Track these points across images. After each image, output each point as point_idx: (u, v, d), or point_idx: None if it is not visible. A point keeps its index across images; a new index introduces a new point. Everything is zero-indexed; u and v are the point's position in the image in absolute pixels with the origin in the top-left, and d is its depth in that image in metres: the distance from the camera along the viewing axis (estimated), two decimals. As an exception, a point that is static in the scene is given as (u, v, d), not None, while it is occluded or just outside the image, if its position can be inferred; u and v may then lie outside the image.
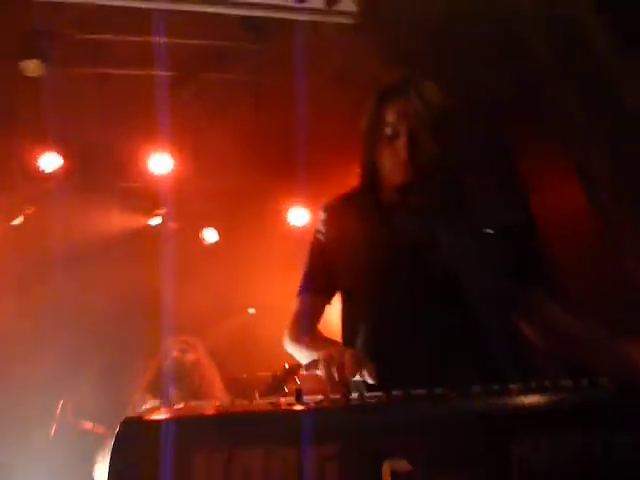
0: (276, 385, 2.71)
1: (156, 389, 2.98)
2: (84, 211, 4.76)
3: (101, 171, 4.74)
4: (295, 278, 1.63)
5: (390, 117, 1.43)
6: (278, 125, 4.01)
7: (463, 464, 0.70)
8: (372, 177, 1.50)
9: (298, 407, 0.80)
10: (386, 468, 0.68)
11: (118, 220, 5.04)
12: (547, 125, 2.29)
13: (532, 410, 0.75)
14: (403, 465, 0.67)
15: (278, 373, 2.76)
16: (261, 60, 4.14)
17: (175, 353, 3.13)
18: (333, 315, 1.57)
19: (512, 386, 0.85)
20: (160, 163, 4.62)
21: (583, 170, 2.12)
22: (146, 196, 4.97)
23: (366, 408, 0.79)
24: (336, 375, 1.04)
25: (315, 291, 1.55)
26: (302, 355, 1.45)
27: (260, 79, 4.27)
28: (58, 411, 3.39)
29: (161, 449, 0.77)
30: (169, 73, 4.16)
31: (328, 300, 1.56)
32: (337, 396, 0.91)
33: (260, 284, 4.76)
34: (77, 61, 4.02)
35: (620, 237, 2.00)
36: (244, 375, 3.93)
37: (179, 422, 0.79)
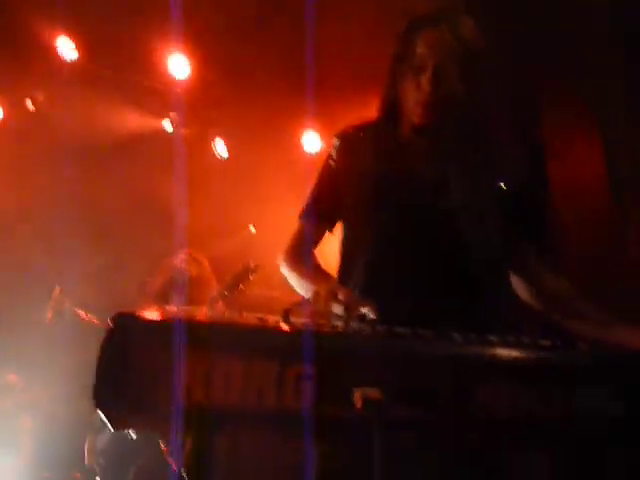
0: (233, 283, 2.74)
1: (162, 300, 3.06)
2: (96, 105, 4.68)
3: (116, 65, 4.60)
4: (300, 203, 1.63)
5: (419, 48, 1.37)
6: (302, 44, 3.86)
7: (430, 400, 0.74)
8: (392, 110, 1.46)
9: (282, 326, 0.83)
10: (358, 393, 0.71)
11: (131, 118, 4.96)
12: (580, 91, 2.21)
13: (501, 361, 0.79)
14: (374, 393, 0.70)
15: (238, 271, 2.79)
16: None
17: (182, 265, 3.19)
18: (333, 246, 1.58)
19: (490, 337, 0.87)
20: (178, 65, 4.48)
21: (610, 144, 2.06)
22: (160, 97, 4.86)
23: (347, 336, 0.83)
24: (336, 308, 1.06)
25: (317, 216, 1.56)
26: (295, 282, 1.47)
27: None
28: (54, 296, 3.50)
29: (150, 347, 0.80)
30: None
31: (330, 227, 1.56)
32: (322, 322, 0.95)
33: (265, 204, 4.77)
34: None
35: (630, 223, 1.99)
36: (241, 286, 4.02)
37: (168, 324, 0.82)
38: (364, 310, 1.14)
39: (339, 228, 1.56)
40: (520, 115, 2.31)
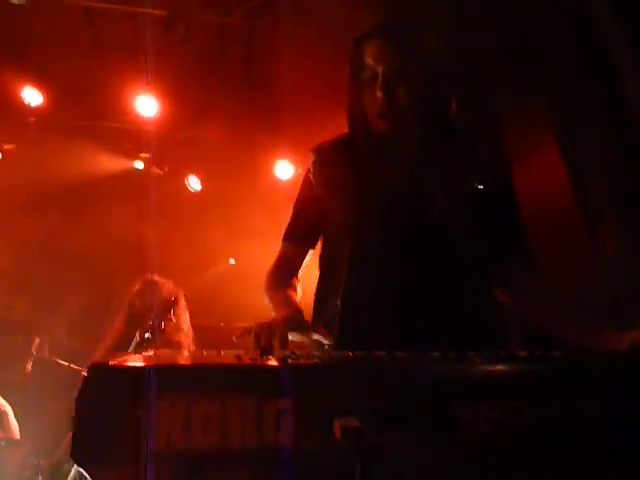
0: (158, 316, 2.81)
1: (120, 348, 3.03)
2: (66, 149, 4.67)
3: (85, 109, 4.62)
4: (278, 231, 1.63)
5: (368, 59, 1.40)
6: (268, 75, 3.93)
7: (410, 424, 0.74)
8: (357, 122, 1.47)
9: (259, 362, 0.83)
10: (337, 424, 0.72)
11: (101, 161, 4.96)
12: (538, 99, 2.26)
13: (479, 378, 0.80)
14: (352, 422, 0.71)
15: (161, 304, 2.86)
16: (254, 5, 4.00)
17: (139, 288, 3.18)
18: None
19: (469, 354, 0.88)
20: (145, 105, 4.51)
21: (569, 150, 2.12)
22: (131, 138, 4.88)
23: (324, 367, 0.83)
24: (261, 346, 1.06)
25: (297, 238, 1.55)
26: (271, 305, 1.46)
27: (251, 24, 4.14)
28: (34, 347, 3.44)
29: (126, 396, 0.79)
30: (158, 11, 4.01)
31: (311, 246, 1.55)
32: (301, 353, 0.95)
33: (242, 235, 4.77)
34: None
35: (600, 222, 2.02)
36: (221, 324, 4.00)
37: (143, 370, 0.81)
38: (316, 337, 1.14)
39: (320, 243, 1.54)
40: (483, 123, 2.36)
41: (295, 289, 1.48)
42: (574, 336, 1.29)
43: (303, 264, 1.56)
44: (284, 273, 1.53)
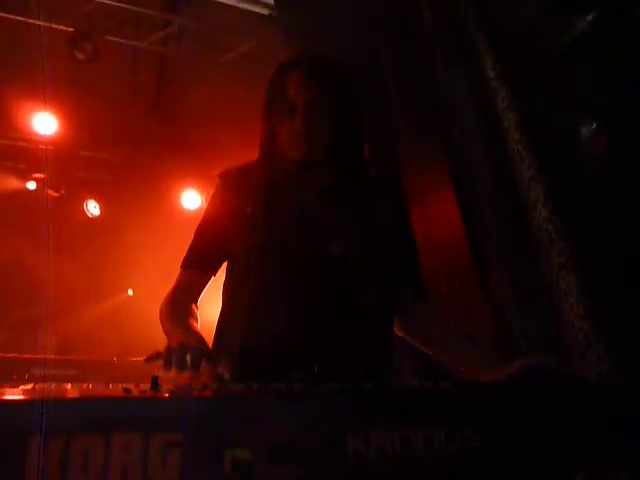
0: None
1: None
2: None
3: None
4: (179, 259, 1.57)
5: (290, 90, 1.43)
6: (178, 102, 3.88)
7: (302, 456, 0.73)
8: (270, 151, 1.48)
9: (145, 394, 0.78)
10: (227, 456, 0.69)
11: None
12: (436, 142, 2.41)
13: (370, 407, 0.81)
14: (244, 454, 0.68)
15: None
16: (169, 32, 3.98)
17: None
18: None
19: (366, 384, 0.89)
20: (43, 123, 4.24)
21: (463, 191, 2.25)
22: (24, 157, 4.56)
23: (213, 399, 0.80)
24: (174, 369, 1.03)
25: (197, 265, 1.49)
26: (167, 334, 1.39)
27: (165, 51, 4.09)
28: None
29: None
30: (66, 28, 3.85)
31: (212, 273, 1.50)
32: (194, 385, 0.91)
33: (142, 265, 4.57)
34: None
35: (486, 253, 2.16)
36: (115, 359, 3.75)
37: (13, 404, 0.74)
38: (218, 370, 1.11)
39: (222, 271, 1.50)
40: (388, 161, 2.46)
41: (196, 318, 1.42)
42: (459, 366, 1.37)
43: (202, 292, 1.50)
44: (183, 301, 1.46)
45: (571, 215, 1.80)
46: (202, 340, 1.25)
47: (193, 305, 1.46)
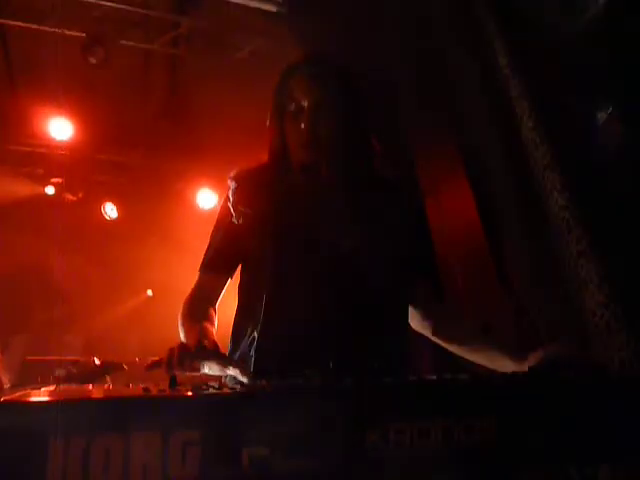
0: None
1: None
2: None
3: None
4: (197, 261, 1.58)
5: (295, 93, 1.43)
6: (192, 103, 3.90)
7: (319, 451, 0.73)
8: (280, 152, 1.48)
9: (165, 393, 0.79)
10: (245, 454, 0.69)
11: (8, 185, 4.65)
12: (449, 133, 2.38)
13: (389, 401, 0.81)
14: (261, 451, 0.69)
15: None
16: (179, 33, 4.00)
17: None
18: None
19: (385, 380, 0.89)
20: (59, 128, 4.30)
21: (477, 181, 2.22)
22: (42, 163, 4.63)
23: (231, 397, 0.81)
24: (170, 371, 1.04)
25: (214, 268, 1.51)
26: (182, 338, 1.42)
27: (176, 52, 4.11)
28: None
29: (16, 434, 0.73)
30: (77, 34, 3.89)
31: (229, 275, 1.51)
32: (211, 385, 0.92)
33: (160, 265, 4.61)
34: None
35: (502, 244, 2.13)
36: (136, 359, 3.81)
37: (35, 406, 0.75)
38: (231, 372, 1.12)
39: (238, 272, 1.52)
40: (399, 157, 2.45)
41: (212, 321, 1.44)
42: (477, 359, 1.36)
43: (221, 295, 1.52)
44: (200, 304, 1.48)
45: (588, 202, 1.77)
46: (213, 342, 1.25)
47: (210, 308, 1.47)
